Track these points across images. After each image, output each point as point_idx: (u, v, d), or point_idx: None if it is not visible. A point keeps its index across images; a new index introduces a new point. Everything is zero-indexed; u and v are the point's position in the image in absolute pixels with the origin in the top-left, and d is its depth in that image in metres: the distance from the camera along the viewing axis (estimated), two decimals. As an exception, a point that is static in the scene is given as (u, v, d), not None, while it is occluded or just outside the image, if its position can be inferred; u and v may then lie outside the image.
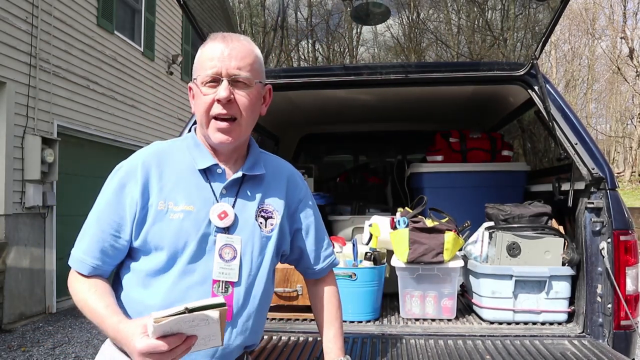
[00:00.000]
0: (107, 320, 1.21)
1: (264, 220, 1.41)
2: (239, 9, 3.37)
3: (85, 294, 1.29)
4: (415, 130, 4.41)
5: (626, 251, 2.16)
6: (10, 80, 6.07)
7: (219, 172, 1.40)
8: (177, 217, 1.31)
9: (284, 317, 2.43)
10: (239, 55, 1.33)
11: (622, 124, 27.87)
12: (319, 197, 3.33)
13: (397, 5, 3.28)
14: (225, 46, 1.33)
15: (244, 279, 1.36)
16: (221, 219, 1.34)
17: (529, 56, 2.47)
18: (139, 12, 9.23)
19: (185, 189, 1.35)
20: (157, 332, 1.05)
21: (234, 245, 1.35)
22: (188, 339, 1.09)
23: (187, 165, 1.38)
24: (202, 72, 1.33)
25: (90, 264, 1.31)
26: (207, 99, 1.32)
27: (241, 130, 1.36)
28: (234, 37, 1.37)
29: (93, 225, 1.33)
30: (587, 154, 2.28)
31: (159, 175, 1.34)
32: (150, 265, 1.31)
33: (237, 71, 1.32)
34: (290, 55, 3.66)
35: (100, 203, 1.35)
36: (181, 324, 1.06)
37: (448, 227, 2.43)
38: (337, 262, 1.65)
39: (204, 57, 1.35)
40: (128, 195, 1.32)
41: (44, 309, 6.63)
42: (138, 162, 1.35)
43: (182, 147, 1.42)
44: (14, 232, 6.11)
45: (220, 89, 1.31)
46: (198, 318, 1.06)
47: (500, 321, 2.37)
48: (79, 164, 7.45)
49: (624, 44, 23.64)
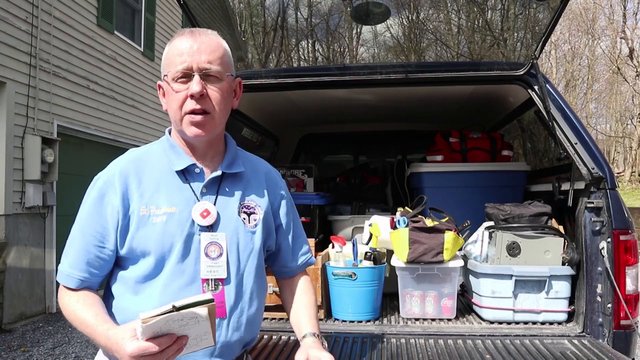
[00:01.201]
0: (97, 329, 1.20)
1: (247, 216, 1.41)
2: (239, 9, 3.37)
3: (74, 306, 1.28)
4: (415, 130, 4.41)
5: (626, 251, 2.16)
6: (10, 80, 6.07)
7: (197, 171, 1.39)
8: (160, 220, 1.31)
9: (284, 317, 2.43)
10: (209, 49, 1.33)
11: (622, 124, 27.86)
12: (319, 197, 3.33)
13: (397, 5, 3.28)
14: (194, 41, 1.32)
15: (233, 275, 1.36)
16: (204, 217, 1.34)
17: (529, 56, 2.47)
18: (139, 12, 9.23)
19: (166, 192, 1.34)
20: (146, 332, 1.04)
21: (219, 242, 1.35)
22: (179, 339, 1.08)
23: (165, 168, 1.38)
24: (172, 68, 1.32)
25: (78, 278, 1.31)
26: (180, 96, 1.31)
27: (215, 123, 1.35)
28: (202, 32, 1.36)
29: (77, 238, 1.33)
30: (587, 153, 2.28)
31: (138, 182, 1.34)
32: (139, 272, 1.31)
33: (208, 65, 1.31)
34: (290, 55, 3.66)
35: (81, 216, 1.34)
36: (170, 323, 1.05)
37: (448, 227, 2.43)
38: (313, 261, 1.64)
39: (173, 52, 1.33)
40: (108, 205, 1.31)
41: (44, 309, 6.63)
42: (115, 171, 1.35)
43: (158, 150, 1.42)
44: (14, 232, 6.11)
45: (192, 84, 1.30)
46: (187, 316, 1.05)
47: (500, 321, 2.37)
48: (79, 164, 7.45)
49: (624, 44, 23.66)
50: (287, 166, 3.77)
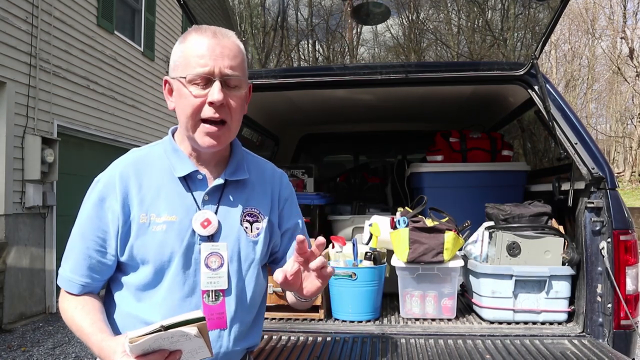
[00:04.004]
0: (92, 338, 1.18)
1: (249, 225, 1.35)
2: (239, 9, 3.37)
3: (72, 312, 1.26)
4: (415, 130, 4.41)
5: (626, 251, 2.16)
6: (10, 80, 6.07)
7: (200, 178, 1.33)
8: (160, 229, 1.26)
9: (284, 317, 2.43)
10: (231, 54, 1.25)
11: (622, 124, 27.86)
12: (319, 197, 3.33)
13: (397, 5, 3.28)
14: (217, 43, 1.23)
15: (234, 285, 1.31)
16: (204, 227, 1.28)
17: (529, 56, 2.47)
18: (139, 12, 9.23)
19: (166, 199, 1.29)
20: (134, 351, 1.03)
21: (220, 252, 1.30)
22: (172, 354, 1.06)
23: (166, 172, 1.32)
24: (190, 70, 1.23)
25: (79, 283, 1.28)
26: (196, 101, 1.23)
27: (230, 134, 1.30)
28: (223, 33, 1.27)
29: (78, 242, 1.29)
30: (587, 153, 2.28)
31: (138, 186, 1.28)
32: (139, 280, 1.27)
33: (230, 71, 1.23)
34: (290, 55, 3.66)
35: (82, 219, 1.29)
36: (160, 341, 1.03)
37: (448, 227, 2.43)
38: None
39: (191, 52, 1.24)
40: (109, 210, 1.26)
41: (44, 309, 6.63)
42: (115, 174, 1.29)
43: (160, 153, 1.35)
44: (14, 232, 6.11)
45: (213, 91, 1.21)
46: (176, 335, 1.03)
47: (500, 321, 2.37)
48: (79, 164, 7.46)
49: (624, 44, 23.64)
50: (287, 166, 3.77)
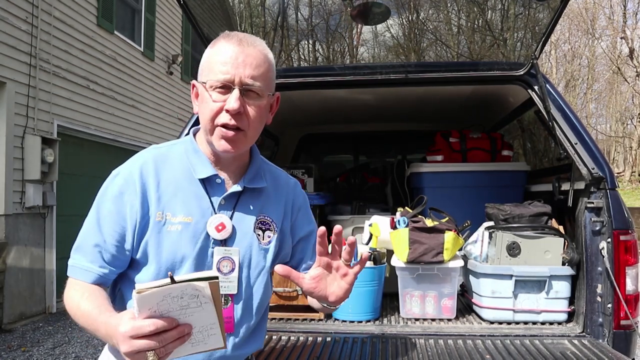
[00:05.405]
0: (99, 318, 1.14)
1: (261, 232, 1.37)
2: (239, 9, 3.37)
3: (78, 299, 1.23)
4: (415, 130, 4.41)
5: (626, 251, 2.16)
6: (10, 80, 6.07)
7: (218, 182, 1.34)
8: (175, 229, 1.27)
9: (284, 317, 2.43)
10: (254, 63, 1.25)
11: (622, 124, 27.85)
12: (319, 197, 3.33)
13: (397, 5, 3.28)
14: (241, 51, 1.24)
15: (243, 291, 1.33)
16: (219, 231, 1.29)
17: (529, 56, 2.47)
18: (139, 12, 9.23)
19: (183, 199, 1.29)
20: (141, 305, 0.97)
21: (232, 257, 1.31)
22: (180, 327, 1.02)
23: (185, 172, 1.32)
24: (212, 76, 1.24)
25: (97, 273, 1.26)
26: (215, 106, 1.24)
27: (246, 141, 1.30)
28: (250, 41, 1.27)
29: (95, 234, 1.27)
30: (587, 153, 2.28)
31: (157, 183, 1.29)
32: (149, 278, 1.26)
33: (250, 81, 1.24)
34: (290, 55, 3.66)
35: (99, 211, 1.28)
36: (169, 301, 0.98)
37: (448, 227, 2.43)
38: None
39: (215, 59, 1.25)
40: (127, 204, 1.26)
41: (44, 309, 6.63)
42: (135, 170, 1.29)
43: (180, 152, 1.36)
44: (14, 232, 6.11)
45: (231, 98, 1.22)
46: (187, 293, 0.98)
47: (500, 321, 2.37)
48: (79, 164, 7.45)
49: (624, 44, 23.63)
50: (287, 166, 3.77)
